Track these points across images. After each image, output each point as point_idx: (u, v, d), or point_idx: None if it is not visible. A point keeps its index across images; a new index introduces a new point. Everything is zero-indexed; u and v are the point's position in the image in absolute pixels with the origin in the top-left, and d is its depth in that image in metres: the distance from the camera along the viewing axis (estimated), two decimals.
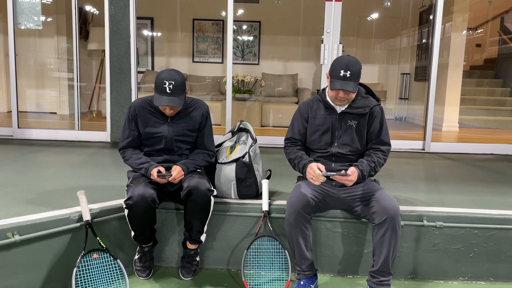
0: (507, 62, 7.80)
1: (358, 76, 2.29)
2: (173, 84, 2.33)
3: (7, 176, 3.22)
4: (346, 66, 2.26)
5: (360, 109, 2.40)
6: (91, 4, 7.07)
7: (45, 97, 6.90)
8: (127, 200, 2.29)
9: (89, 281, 2.25)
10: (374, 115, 2.42)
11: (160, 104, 2.36)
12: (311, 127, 2.48)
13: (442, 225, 2.56)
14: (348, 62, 2.28)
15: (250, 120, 6.45)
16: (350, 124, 2.42)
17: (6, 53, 5.59)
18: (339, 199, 2.45)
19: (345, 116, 2.43)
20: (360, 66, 2.30)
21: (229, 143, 2.81)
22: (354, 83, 2.28)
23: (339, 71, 2.27)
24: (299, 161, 2.42)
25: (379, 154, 2.41)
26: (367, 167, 2.35)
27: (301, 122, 2.51)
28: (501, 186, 3.34)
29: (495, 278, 2.63)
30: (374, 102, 2.44)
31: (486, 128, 6.83)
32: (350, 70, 2.25)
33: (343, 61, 2.30)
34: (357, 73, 2.28)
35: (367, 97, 2.46)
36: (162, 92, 2.35)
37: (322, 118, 2.45)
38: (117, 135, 4.73)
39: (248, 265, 2.54)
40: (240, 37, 8.11)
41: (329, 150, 2.44)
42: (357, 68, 2.28)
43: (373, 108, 2.42)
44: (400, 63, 8.08)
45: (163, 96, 2.35)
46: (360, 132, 2.42)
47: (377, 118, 2.43)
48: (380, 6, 7.68)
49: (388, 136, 2.46)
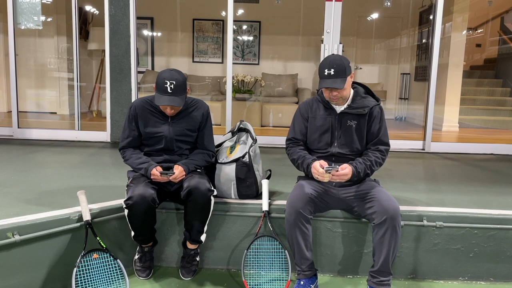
0: (507, 62, 7.80)
1: (343, 72, 2.29)
2: (174, 84, 2.33)
3: (7, 176, 3.22)
4: (329, 65, 2.29)
5: (360, 109, 2.40)
6: (91, 4, 7.07)
7: (45, 97, 6.90)
8: (127, 200, 2.29)
9: (89, 281, 2.25)
10: (374, 115, 2.42)
11: (161, 103, 2.36)
12: (311, 127, 2.48)
13: (442, 225, 2.56)
14: (331, 60, 2.30)
15: (250, 120, 6.45)
16: (350, 124, 2.41)
17: (6, 53, 5.60)
18: (339, 199, 2.45)
19: (345, 116, 2.42)
20: (344, 62, 2.30)
21: (229, 143, 2.81)
22: (340, 79, 2.28)
23: (323, 70, 2.30)
24: (302, 161, 2.42)
25: (377, 153, 2.41)
26: (362, 165, 2.34)
27: (302, 122, 2.51)
28: (501, 186, 3.34)
29: (495, 278, 2.63)
30: (374, 102, 2.44)
31: (486, 128, 6.83)
32: (333, 67, 2.27)
33: (327, 60, 2.32)
34: (342, 69, 2.28)
35: (366, 97, 2.45)
36: (163, 92, 2.35)
37: (321, 118, 2.45)
38: (117, 135, 4.73)
39: (248, 265, 2.55)
40: (240, 37, 8.11)
41: (329, 150, 2.44)
42: (340, 65, 2.28)
43: (372, 108, 2.42)
44: (400, 63, 8.08)
45: (164, 96, 2.35)
46: (360, 132, 2.42)
47: (376, 118, 2.42)
48: (380, 6, 7.67)
49: (387, 136, 2.46)
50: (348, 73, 2.31)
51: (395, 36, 8.04)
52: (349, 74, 2.32)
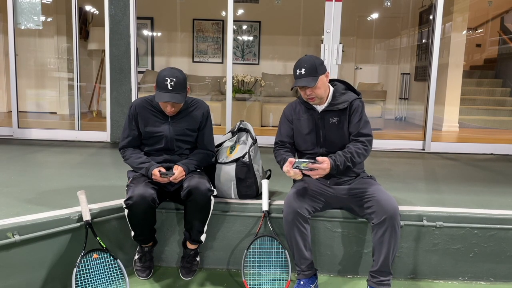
0: (507, 62, 7.80)
1: (314, 71, 2.31)
2: (174, 81, 2.34)
3: (7, 176, 3.22)
4: (299, 65, 2.33)
5: (340, 104, 2.41)
6: (91, 4, 7.07)
7: (45, 97, 6.90)
8: (127, 200, 2.29)
9: (89, 281, 2.25)
10: (354, 108, 2.41)
11: (162, 100, 2.36)
12: (296, 129, 2.51)
13: (442, 225, 2.56)
14: (302, 61, 2.35)
15: (250, 120, 6.45)
16: (332, 121, 2.42)
17: (6, 53, 5.60)
18: (336, 197, 2.46)
19: (326, 114, 2.44)
20: (315, 61, 2.33)
21: (229, 143, 2.81)
22: (311, 78, 2.31)
23: (296, 71, 2.35)
24: (283, 162, 2.43)
25: (358, 144, 2.37)
26: (341, 158, 2.31)
27: (288, 125, 2.55)
28: (501, 186, 3.34)
29: (495, 278, 2.63)
30: (354, 96, 2.43)
31: (486, 128, 6.83)
32: (304, 67, 2.32)
33: (299, 61, 2.37)
34: (312, 68, 2.31)
35: (346, 93, 2.46)
36: (163, 89, 2.35)
37: (304, 119, 2.48)
38: (117, 135, 4.73)
39: (248, 265, 2.55)
40: (240, 37, 8.11)
41: (317, 151, 2.45)
42: (311, 64, 2.32)
43: (352, 101, 2.41)
44: (400, 63, 8.09)
45: (165, 93, 2.35)
46: (343, 128, 2.42)
47: (356, 111, 2.40)
48: (380, 6, 7.68)
49: (368, 128, 2.42)
50: (321, 72, 2.34)
51: (395, 36, 8.04)
52: (322, 73, 2.35)
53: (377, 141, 4.95)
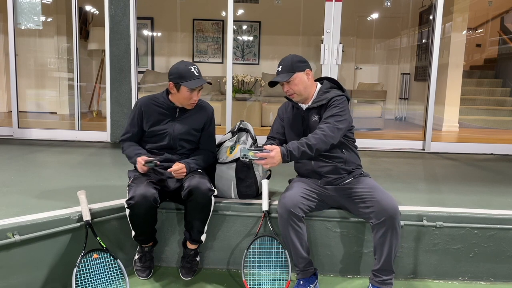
0: (507, 62, 7.81)
1: (289, 67, 2.39)
2: (197, 68, 2.48)
3: (7, 176, 3.22)
4: (279, 63, 2.44)
5: (320, 101, 2.41)
6: (91, 4, 7.07)
7: (45, 97, 6.90)
8: (129, 199, 2.29)
9: (89, 281, 2.25)
10: (332, 102, 2.37)
11: (199, 84, 2.44)
12: (286, 126, 2.58)
13: (442, 225, 2.56)
14: (282, 59, 2.45)
15: (250, 120, 6.45)
16: (314, 119, 2.43)
17: (6, 53, 5.59)
18: (330, 197, 2.47)
19: (309, 112, 2.46)
20: (293, 59, 2.42)
21: (229, 143, 2.81)
22: (286, 74, 2.39)
23: (276, 69, 2.45)
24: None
25: (322, 125, 2.29)
26: (293, 144, 2.23)
27: (279, 122, 2.64)
28: (501, 186, 3.34)
29: (495, 278, 2.63)
30: (336, 93, 2.41)
31: (486, 128, 6.84)
32: (281, 64, 2.42)
33: (280, 60, 2.45)
34: (288, 65, 2.39)
35: (329, 91, 2.45)
36: (192, 77, 2.44)
37: (292, 118, 2.54)
38: (117, 135, 4.73)
39: (248, 265, 2.54)
40: (240, 37, 8.12)
41: None
42: (288, 61, 2.40)
43: (333, 98, 2.38)
44: (400, 63, 8.09)
45: (196, 79, 2.45)
46: None
47: (332, 106, 2.35)
48: (380, 6, 7.68)
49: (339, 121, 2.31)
50: (298, 69, 2.39)
51: (395, 36, 8.05)
52: (300, 70, 2.40)
53: (377, 141, 4.97)
